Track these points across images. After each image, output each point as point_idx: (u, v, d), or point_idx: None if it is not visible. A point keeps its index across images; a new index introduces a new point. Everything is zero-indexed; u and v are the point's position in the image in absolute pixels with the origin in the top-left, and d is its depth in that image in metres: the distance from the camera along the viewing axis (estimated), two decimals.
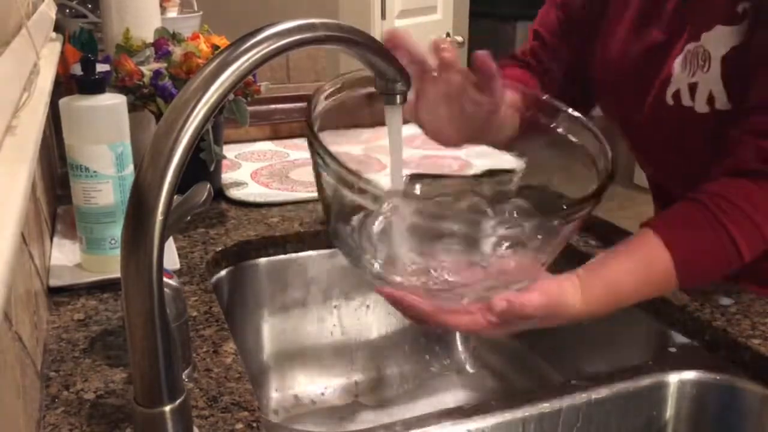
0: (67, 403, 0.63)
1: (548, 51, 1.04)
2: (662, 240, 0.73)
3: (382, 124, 0.70)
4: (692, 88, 0.83)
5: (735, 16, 0.80)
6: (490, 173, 1.21)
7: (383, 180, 1.23)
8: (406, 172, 1.16)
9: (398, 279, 0.68)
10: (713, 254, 0.74)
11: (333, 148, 0.64)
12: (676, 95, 0.85)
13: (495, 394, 1.02)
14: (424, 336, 1.08)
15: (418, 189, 0.92)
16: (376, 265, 0.69)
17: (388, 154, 0.70)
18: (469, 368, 1.09)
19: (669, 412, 0.72)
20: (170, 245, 0.92)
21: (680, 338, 0.77)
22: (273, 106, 1.56)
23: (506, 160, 1.27)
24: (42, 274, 0.79)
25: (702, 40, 0.82)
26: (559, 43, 1.02)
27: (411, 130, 1.50)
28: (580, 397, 0.69)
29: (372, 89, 0.67)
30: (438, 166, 1.25)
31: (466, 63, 0.82)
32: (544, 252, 0.68)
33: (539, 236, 0.64)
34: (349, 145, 0.81)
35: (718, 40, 0.81)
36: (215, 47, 1.05)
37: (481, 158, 1.29)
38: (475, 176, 1.21)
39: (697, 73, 0.83)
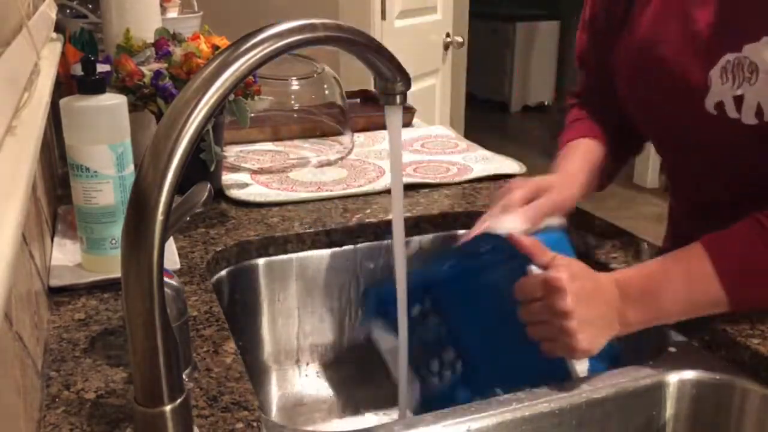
0: (67, 402, 0.63)
1: (593, 78, 1.01)
2: (709, 255, 0.72)
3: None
4: (738, 100, 0.77)
5: None
6: (490, 178, 1.22)
7: (382, 183, 1.23)
8: (406, 177, 1.17)
9: None
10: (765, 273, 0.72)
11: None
12: (719, 106, 0.79)
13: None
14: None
15: None
16: None
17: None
18: None
19: (669, 411, 0.72)
20: (170, 245, 0.92)
21: (680, 338, 0.77)
22: (273, 112, 1.56)
23: (506, 165, 1.27)
24: (42, 274, 0.79)
25: (744, 51, 0.76)
26: (598, 69, 0.99)
27: (411, 132, 1.51)
28: (580, 397, 0.69)
29: None
30: (437, 169, 1.25)
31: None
32: None
33: None
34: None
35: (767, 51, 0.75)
36: (215, 47, 1.05)
37: (480, 163, 1.29)
38: (475, 181, 1.21)
39: (744, 85, 0.76)
